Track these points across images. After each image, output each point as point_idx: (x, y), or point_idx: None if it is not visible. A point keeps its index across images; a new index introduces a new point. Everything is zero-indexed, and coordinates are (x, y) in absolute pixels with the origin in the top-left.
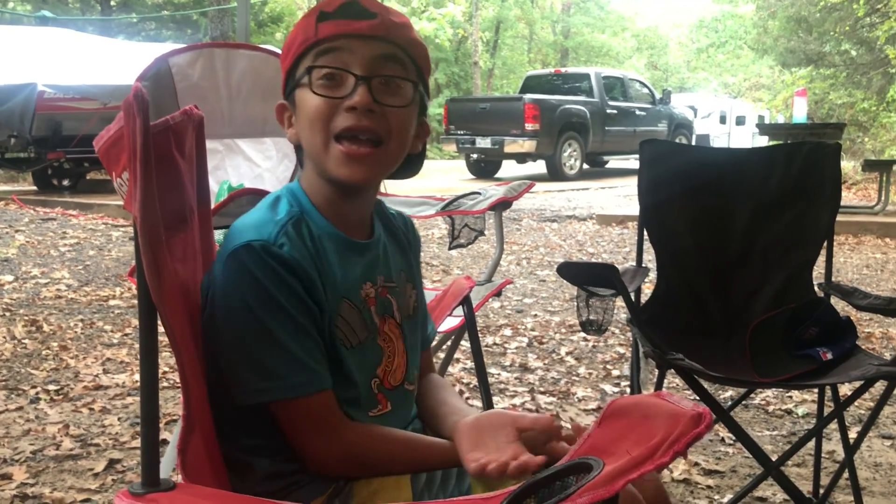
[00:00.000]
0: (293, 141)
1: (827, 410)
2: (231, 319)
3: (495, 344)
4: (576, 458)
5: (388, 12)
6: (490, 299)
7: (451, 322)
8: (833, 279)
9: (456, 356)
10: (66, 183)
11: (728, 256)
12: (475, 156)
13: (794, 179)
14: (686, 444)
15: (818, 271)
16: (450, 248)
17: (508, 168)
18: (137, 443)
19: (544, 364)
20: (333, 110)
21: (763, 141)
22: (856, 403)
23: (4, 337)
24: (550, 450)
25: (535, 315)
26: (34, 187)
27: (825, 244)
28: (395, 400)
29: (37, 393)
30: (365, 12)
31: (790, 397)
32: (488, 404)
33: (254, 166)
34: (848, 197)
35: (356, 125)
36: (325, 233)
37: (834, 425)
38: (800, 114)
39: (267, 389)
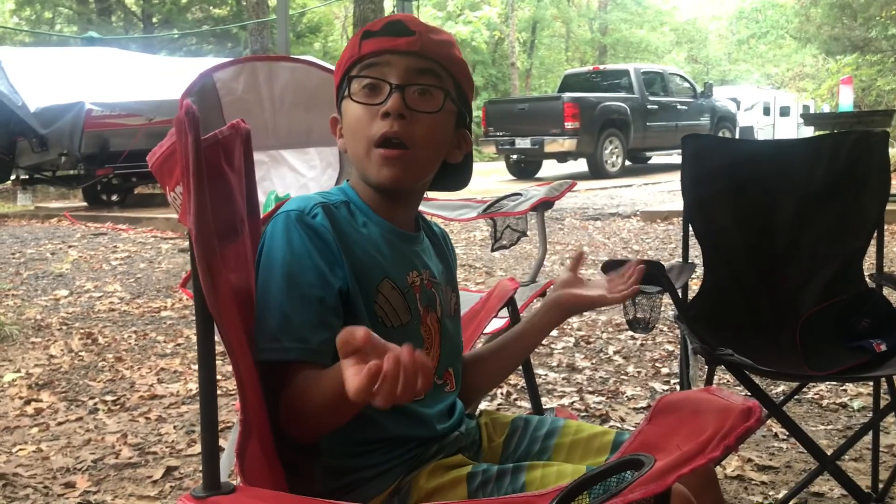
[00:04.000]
0: (342, 149)
1: (884, 403)
2: (258, 277)
3: (542, 344)
4: (627, 454)
5: (430, 31)
6: (535, 300)
7: (497, 323)
8: (886, 269)
9: None
10: (114, 198)
11: (775, 250)
12: (515, 157)
13: (840, 170)
14: (737, 437)
15: (870, 262)
16: (492, 250)
17: (549, 168)
18: (193, 450)
19: (592, 363)
20: (371, 117)
21: (808, 131)
22: None
23: (62, 350)
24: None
25: (581, 315)
26: (84, 203)
27: (875, 234)
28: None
29: (95, 403)
30: (405, 30)
31: (844, 391)
32: (536, 404)
33: (299, 176)
34: None
35: (388, 131)
36: (373, 220)
37: (892, 418)
38: (846, 102)
39: (260, 350)
